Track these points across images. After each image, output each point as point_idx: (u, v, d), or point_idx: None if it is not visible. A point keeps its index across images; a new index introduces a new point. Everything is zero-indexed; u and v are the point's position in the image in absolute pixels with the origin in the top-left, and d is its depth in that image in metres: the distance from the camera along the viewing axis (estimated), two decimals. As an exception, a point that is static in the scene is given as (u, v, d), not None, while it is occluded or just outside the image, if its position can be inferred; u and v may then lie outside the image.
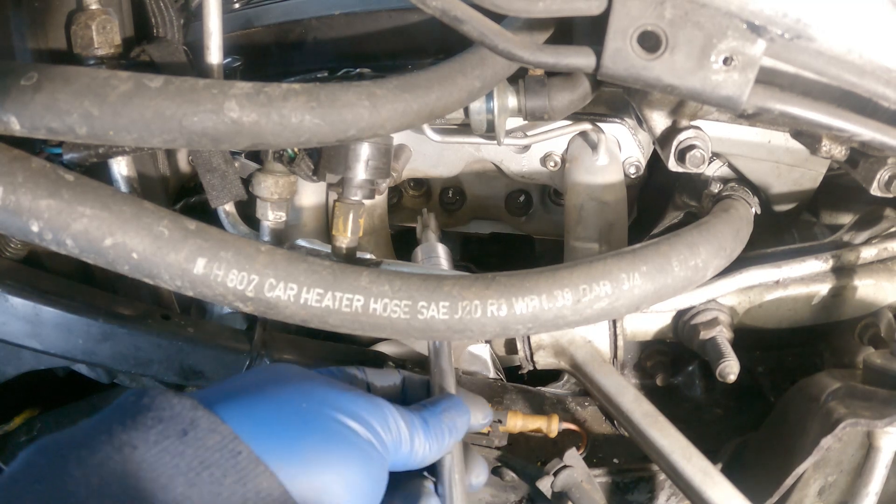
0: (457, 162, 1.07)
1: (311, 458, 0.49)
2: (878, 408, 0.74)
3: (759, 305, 0.95)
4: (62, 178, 0.60)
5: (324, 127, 0.62)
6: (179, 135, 0.59)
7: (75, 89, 0.58)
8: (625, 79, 0.65)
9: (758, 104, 0.66)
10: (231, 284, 0.63)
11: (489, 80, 0.71)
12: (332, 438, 0.51)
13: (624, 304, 0.69)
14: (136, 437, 0.43)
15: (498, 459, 0.85)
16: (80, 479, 0.41)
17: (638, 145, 1.02)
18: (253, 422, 0.48)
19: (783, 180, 0.98)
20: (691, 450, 0.81)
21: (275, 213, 0.85)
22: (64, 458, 0.42)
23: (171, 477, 0.42)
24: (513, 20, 0.74)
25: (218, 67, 0.75)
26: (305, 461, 0.48)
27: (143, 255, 0.62)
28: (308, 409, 0.51)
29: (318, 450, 0.49)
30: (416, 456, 0.58)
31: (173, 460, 0.43)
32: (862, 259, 0.96)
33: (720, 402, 1.07)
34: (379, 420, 0.55)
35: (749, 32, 0.63)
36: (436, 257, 0.94)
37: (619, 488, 0.92)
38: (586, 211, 1.00)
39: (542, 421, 0.86)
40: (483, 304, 0.66)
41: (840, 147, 0.80)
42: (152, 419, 0.45)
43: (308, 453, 0.49)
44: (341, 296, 0.65)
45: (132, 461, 0.42)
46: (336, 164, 0.76)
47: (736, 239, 0.81)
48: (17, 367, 0.87)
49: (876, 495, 0.79)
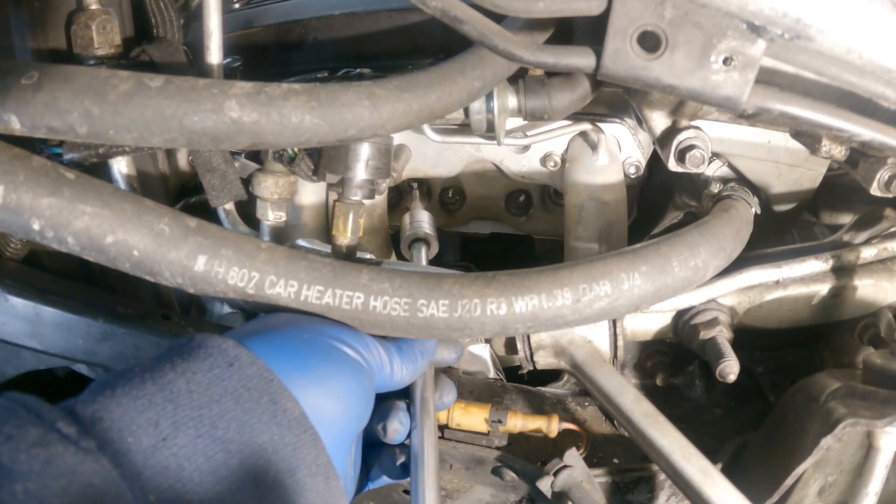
0: (457, 162, 1.07)
1: (319, 373, 0.61)
2: (878, 408, 0.74)
3: (759, 305, 0.95)
4: (63, 177, 0.60)
5: (324, 127, 0.62)
6: (179, 134, 0.60)
7: (76, 88, 0.58)
8: (625, 79, 0.65)
9: (758, 104, 0.66)
10: (232, 281, 0.64)
11: (489, 80, 0.71)
12: (330, 358, 0.64)
13: (624, 304, 0.69)
14: (195, 365, 0.55)
15: (498, 459, 0.85)
16: (155, 391, 0.52)
17: (638, 145, 1.02)
18: (277, 354, 0.60)
19: (783, 180, 0.98)
20: (691, 450, 0.81)
21: (275, 213, 0.85)
22: (142, 378, 0.53)
23: (222, 395, 0.55)
24: (513, 20, 0.74)
25: (218, 67, 0.75)
26: (315, 376, 0.61)
27: (144, 252, 0.62)
28: (310, 338, 0.64)
29: (322, 367, 0.62)
30: (395, 376, 0.69)
31: (224, 383, 0.55)
32: (862, 259, 0.96)
33: (720, 402, 1.07)
34: (363, 345, 0.66)
35: (749, 32, 0.63)
36: (420, 221, 1.02)
37: (619, 488, 0.92)
38: (586, 211, 1.00)
39: (542, 421, 0.86)
40: (483, 302, 0.66)
41: (840, 147, 0.80)
42: (204, 354, 0.57)
43: (315, 370, 0.62)
44: (341, 293, 0.65)
45: (194, 382, 0.54)
46: (336, 164, 0.76)
47: (736, 239, 0.81)
48: (17, 367, 0.87)
49: (876, 495, 0.79)
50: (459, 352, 0.80)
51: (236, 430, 0.54)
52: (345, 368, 0.64)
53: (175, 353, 0.57)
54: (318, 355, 0.63)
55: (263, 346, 0.61)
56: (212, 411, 0.53)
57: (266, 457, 0.55)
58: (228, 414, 0.54)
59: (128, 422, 0.50)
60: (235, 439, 0.53)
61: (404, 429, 0.72)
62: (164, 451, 0.50)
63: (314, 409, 0.59)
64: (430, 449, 0.70)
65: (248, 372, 0.57)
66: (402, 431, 0.72)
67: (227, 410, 0.54)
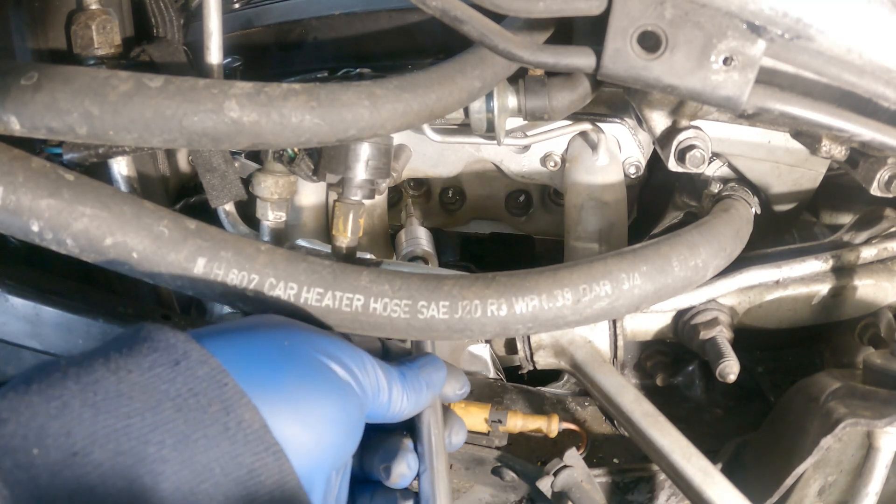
0: (457, 162, 1.07)
1: (292, 391, 0.51)
2: (878, 408, 0.74)
3: (759, 305, 0.95)
4: (62, 178, 0.60)
5: (324, 127, 0.62)
6: (179, 134, 0.59)
7: (75, 89, 0.58)
8: (625, 79, 0.65)
9: (758, 104, 0.66)
10: (231, 284, 0.63)
11: (489, 80, 0.71)
12: (311, 374, 0.53)
13: (624, 304, 0.69)
14: (132, 362, 0.46)
15: (498, 459, 0.85)
16: (76, 392, 0.43)
17: (638, 145, 1.02)
18: (240, 357, 0.50)
19: (783, 180, 0.98)
20: (691, 450, 0.81)
21: (275, 213, 0.85)
22: (64, 374, 0.44)
23: (161, 401, 0.45)
24: (513, 20, 0.74)
25: (218, 67, 0.74)
26: (286, 394, 0.50)
27: (144, 254, 0.62)
28: (290, 346, 0.53)
29: (299, 384, 0.51)
30: (393, 406, 0.60)
31: (164, 385, 0.46)
32: (862, 259, 0.96)
33: (720, 402, 1.07)
34: (357, 364, 0.56)
35: (749, 32, 0.63)
36: (417, 238, 0.98)
37: (619, 488, 0.92)
38: (586, 211, 1.00)
39: (542, 421, 0.86)
40: (483, 303, 0.66)
41: (840, 147, 0.80)
42: (148, 348, 0.47)
43: (289, 386, 0.51)
44: (341, 295, 0.65)
45: (126, 382, 0.45)
46: (336, 164, 0.76)
47: (736, 239, 0.81)
48: (18, 367, 0.87)
49: (876, 495, 0.79)
50: (466, 387, 0.71)
51: (173, 445, 0.44)
52: (327, 389, 0.53)
53: (113, 346, 0.48)
54: (295, 368, 0.52)
55: (227, 347, 0.51)
56: (144, 421, 0.44)
57: (212, 480, 0.45)
58: (166, 425, 0.44)
59: (36, 428, 0.41)
60: (171, 458, 0.43)
61: (411, 473, 0.62)
62: (74, 468, 0.41)
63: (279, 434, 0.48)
64: (443, 499, 0.62)
65: (196, 373, 0.47)
66: (409, 476, 0.62)
67: (164, 421, 0.44)
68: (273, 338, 0.54)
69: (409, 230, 1.02)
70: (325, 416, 0.51)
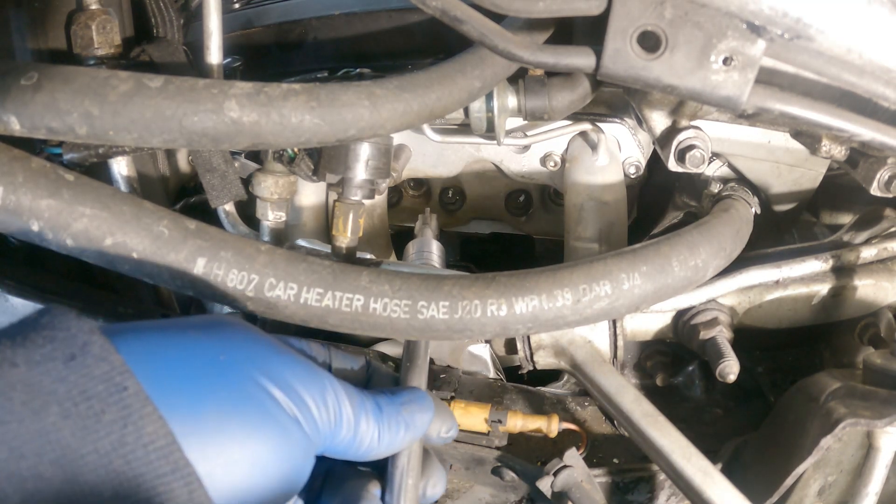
0: (457, 162, 1.07)
1: (213, 418, 0.41)
2: (878, 408, 0.74)
3: (759, 305, 0.95)
4: (62, 178, 0.60)
5: (324, 127, 0.62)
6: (179, 135, 0.60)
7: (75, 89, 0.58)
8: (625, 79, 0.65)
9: (758, 104, 0.66)
10: (231, 284, 0.63)
11: (489, 80, 0.71)
12: (245, 403, 0.43)
13: (624, 304, 0.69)
14: (21, 354, 0.38)
15: (498, 459, 0.85)
16: None
17: (638, 145, 1.02)
18: (155, 361, 0.42)
19: (783, 180, 0.98)
20: (691, 450, 0.81)
21: (275, 213, 0.85)
22: None
23: (46, 403, 0.37)
24: (513, 20, 0.74)
25: (218, 67, 0.75)
26: (205, 421, 0.41)
27: (143, 254, 0.62)
28: (226, 363, 0.44)
29: (223, 411, 0.42)
30: (360, 444, 0.51)
31: (52, 385, 0.37)
32: (862, 259, 0.96)
33: (720, 402, 1.07)
34: (314, 394, 0.47)
35: (749, 32, 0.63)
36: (428, 253, 0.94)
37: (619, 488, 0.92)
38: (586, 211, 1.00)
39: (542, 421, 0.86)
40: (483, 303, 0.66)
41: (840, 147, 0.80)
42: (44, 338, 0.39)
43: (210, 412, 0.41)
44: (341, 295, 0.65)
45: (8, 379, 0.37)
46: (336, 164, 0.76)
47: (736, 239, 0.81)
48: (17, 367, 0.87)
49: (876, 495, 0.79)
50: (454, 430, 0.61)
51: (53, 460, 0.36)
52: (259, 424, 0.43)
53: (8, 333, 0.40)
54: (223, 390, 0.43)
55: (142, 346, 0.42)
56: (22, 428, 0.36)
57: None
58: (49, 434, 0.36)
59: None
60: (51, 475, 0.36)
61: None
62: None
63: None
64: None
65: (93, 372, 0.38)
66: None
67: (48, 429, 0.36)
68: (207, 347, 0.44)
69: (421, 241, 0.98)
70: (251, 459, 0.42)
